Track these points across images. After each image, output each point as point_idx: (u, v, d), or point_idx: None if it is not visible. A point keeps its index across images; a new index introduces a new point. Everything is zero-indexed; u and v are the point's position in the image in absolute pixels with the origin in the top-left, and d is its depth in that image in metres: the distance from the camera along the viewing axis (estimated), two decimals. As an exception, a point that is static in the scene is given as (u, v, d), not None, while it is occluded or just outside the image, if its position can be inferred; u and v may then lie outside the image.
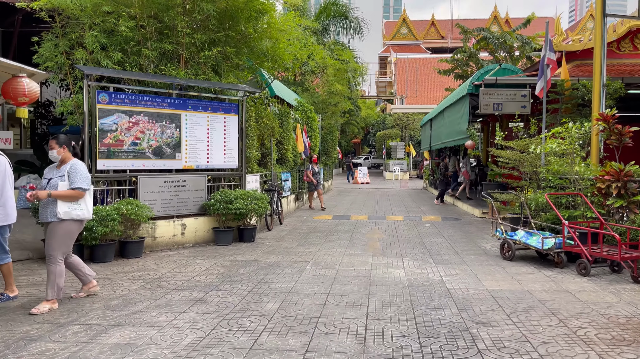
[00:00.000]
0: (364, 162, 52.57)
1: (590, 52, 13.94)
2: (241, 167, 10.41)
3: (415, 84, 47.16)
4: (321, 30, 28.61)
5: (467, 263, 7.93)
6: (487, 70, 13.30)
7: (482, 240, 10.08)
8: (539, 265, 7.74)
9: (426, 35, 69.66)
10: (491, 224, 11.82)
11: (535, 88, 10.24)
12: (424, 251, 8.91)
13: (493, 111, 12.27)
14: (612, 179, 7.50)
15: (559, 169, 8.25)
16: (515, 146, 9.63)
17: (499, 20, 61.76)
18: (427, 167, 27.12)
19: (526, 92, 12.16)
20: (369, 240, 10.12)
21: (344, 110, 30.91)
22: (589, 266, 6.91)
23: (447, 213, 15.16)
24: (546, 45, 9.64)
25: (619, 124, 7.90)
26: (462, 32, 25.63)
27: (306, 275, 7.09)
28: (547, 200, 7.63)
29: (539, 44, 25.43)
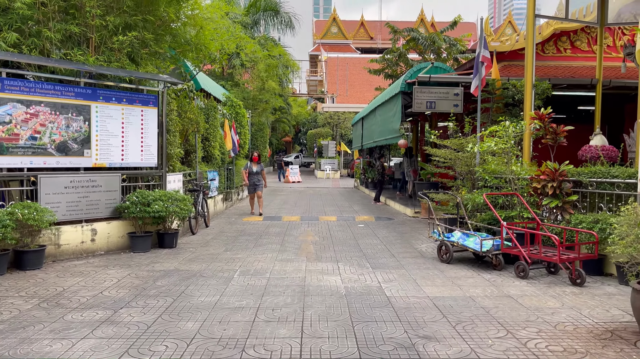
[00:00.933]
0: (295, 160, 52.08)
1: (517, 54, 14.20)
2: (161, 165, 9.47)
3: (346, 83, 47.27)
4: (251, 24, 27.73)
5: (404, 266, 7.55)
6: (420, 68, 13.15)
7: (417, 241, 9.80)
8: (477, 267, 7.51)
9: (356, 36, 70.31)
10: (427, 225, 11.65)
11: (470, 86, 10.10)
12: (359, 255, 8.46)
13: (426, 109, 12.10)
14: (547, 179, 7.39)
15: (496, 168, 8.09)
16: (450, 145, 9.43)
17: (426, 23, 63.39)
18: (358, 166, 27.01)
19: (459, 91, 12.09)
20: (302, 243, 9.55)
21: (275, 107, 30.23)
22: (528, 268, 6.73)
23: (379, 212, 14.91)
24: (481, 43, 9.52)
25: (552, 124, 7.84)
26: (391, 31, 25.70)
27: (233, 286, 6.38)
28: (485, 200, 7.41)
29: (465, 46, 26.05)
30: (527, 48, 9.60)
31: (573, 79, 12.65)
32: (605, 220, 6.61)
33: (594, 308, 5.47)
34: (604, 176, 7.11)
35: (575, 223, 6.99)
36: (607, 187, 7.06)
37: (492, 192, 8.00)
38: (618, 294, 6.01)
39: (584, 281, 6.36)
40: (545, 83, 11.21)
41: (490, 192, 7.95)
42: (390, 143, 18.30)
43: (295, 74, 35.49)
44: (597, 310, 5.38)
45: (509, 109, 11.57)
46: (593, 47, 14.74)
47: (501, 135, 7.84)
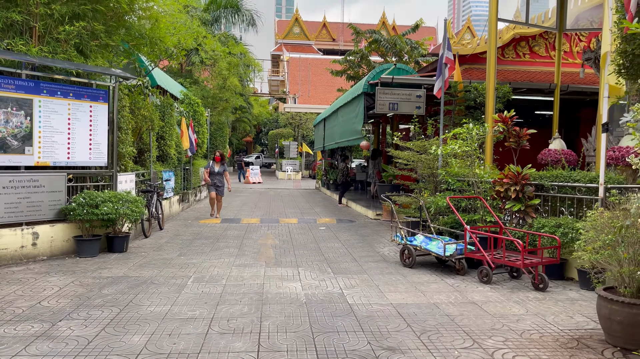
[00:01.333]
0: (256, 160, 51.49)
1: (478, 57, 14.29)
2: (112, 164, 8.93)
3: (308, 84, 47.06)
4: (211, 21, 27.07)
5: (367, 271, 7.32)
6: (383, 69, 13.02)
7: (379, 244, 9.62)
8: (440, 272, 7.36)
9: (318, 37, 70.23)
10: (389, 227, 11.50)
11: (433, 88, 10.01)
12: (321, 259, 8.19)
13: (389, 111, 11.97)
14: (510, 182, 7.33)
15: (459, 171, 7.99)
16: (413, 147, 9.30)
17: (387, 26, 63.88)
18: (320, 167, 26.80)
19: (421, 93, 12.02)
20: (261, 247, 9.20)
21: (235, 106, 29.65)
22: (491, 273, 6.62)
23: (341, 214, 14.71)
24: (444, 44, 9.43)
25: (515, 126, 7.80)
26: (354, 33, 25.64)
27: (186, 294, 5.99)
28: (448, 204, 7.28)
29: (426, 50, 26.27)
30: (490, 51, 9.58)
31: (533, 83, 12.80)
32: (568, 224, 6.57)
33: (558, 314, 5.39)
34: (565, 180, 7.09)
35: (537, 227, 6.94)
36: (569, 191, 7.05)
37: (455, 196, 7.90)
38: (581, 299, 5.97)
39: (547, 286, 6.30)
40: (506, 87, 11.27)
41: (454, 196, 7.84)
42: (352, 145, 18.15)
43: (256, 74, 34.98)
44: (561, 316, 5.29)
45: (471, 112, 11.57)
46: (551, 53, 15.03)
47: (465, 137, 7.74)
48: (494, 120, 7.79)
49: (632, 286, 4.21)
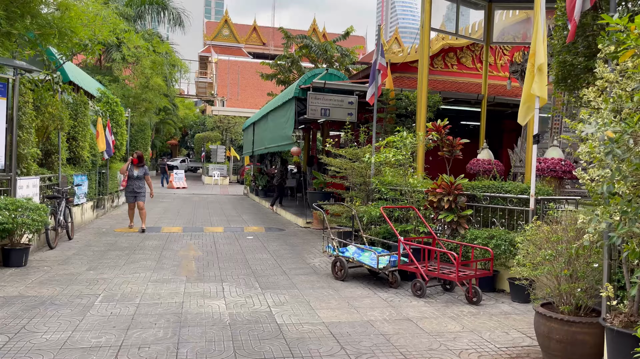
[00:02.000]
0: (181, 164, 49.64)
1: (408, 66, 14.38)
2: (10, 167, 7.90)
3: (237, 87, 46.13)
4: (134, 17, 25.68)
5: (297, 286, 6.89)
6: (315, 74, 12.71)
7: (310, 255, 9.23)
8: (373, 285, 7.08)
9: (248, 40, 69.33)
10: (320, 236, 11.14)
11: (364, 95, 9.81)
12: (248, 272, 7.66)
13: (321, 117, 11.66)
14: (443, 192, 7.19)
15: (392, 180, 7.78)
16: (346, 154, 9.02)
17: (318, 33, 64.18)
18: (248, 173, 26.11)
19: (353, 99, 11.82)
20: (182, 259, 8.50)
21: (159, 107, 28.26)
22: (425, 286, 6.41)
23: (270, 222, 14.20)
24: (378, 50, 9.25)
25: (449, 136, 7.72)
26: (285, 37, 25.28)
27: (92, 316, 5.26)
28: (382, 214, 7.02)
29: (356, 57, 26.42)
30: (422, 59, 9.53)
31: (462, 93, 13.01)
32: (500, 236, 6.50)
33: (494, 330, 5.22)
34: (497, 191, 7.06)
35: (470, 238, 6.84)
36: (500, 202, 7.02)
37: (389, 205, 7.67)
38: (513, 313, 5.87)
39: (480, 300, 6.17)
40: (437, 96, 11.32)
41: (388, 206, 7.61)
42: (283, 150, 17.71)
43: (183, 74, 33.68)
44: (497, 333, 5.13)
45: (402, 120, 11.51)
46: (477, 65, 15.43)
47: (398, 146, 7.55)
48: (428, 129, 7.67)
49: (572, 303, 4.08)
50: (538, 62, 5.69)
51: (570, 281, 4.06)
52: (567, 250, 4.00)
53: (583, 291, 3.98)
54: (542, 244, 4.23)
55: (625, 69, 3.36)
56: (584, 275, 3.98)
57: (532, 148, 7.39)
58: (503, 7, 12.07)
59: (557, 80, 5.21)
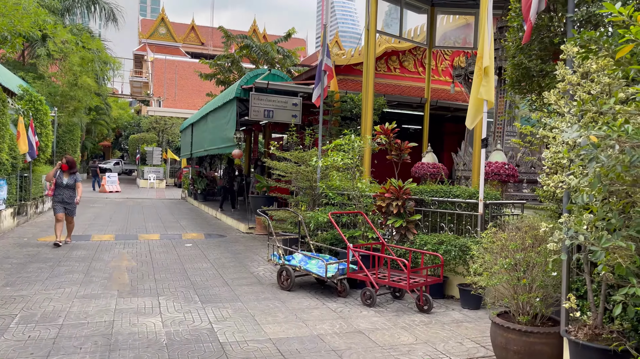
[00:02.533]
0: (115, 167, 47.42)
1: (352, 69, 14.26)
2: None
3: (174, 87, 44.65)
4: (62, 10, 24.12)
5: (240, 298, 6.46)
6: (257, 74, 12.28)
7: (254, 263, 8.80)
8: (321, 294, 6.77)
9: (186, 39, 67.56)
10: (263, 242, 10.71)
11: (309, 97, 9.52)
12: (187, 284, 7.14)
13: (264, 118, 11.26)
14: (392, 197, 7.01)
15: (340, 184, 7.52)
16: (291, 157, 8.67)
17: (258, 34, 63.51)
18: (186, 176, 25.19)
19: (297, 101, 11.51)
20: (114, 271, 7.84)
21: (90, 106, 26.72)
22: (375, 295, 6.18)
23: (210, 228, 13.60)
24: (323, 50, 8.99)
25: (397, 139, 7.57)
26: (224, 36, 24.64)
27: (6, 342, 4.61)
28: (330, 220, 6.73)
29: (298, 59, 26.18)
30: (369, 61, 9.37)
31: (406, 97, 13.03)
32: (450, 241, 6.39)
33: (447, 340, 5.05)
34: (445, 195, 6.96)
35: (420, 244, 6.68)
36: (449, 207, 6.92)
37: (337, 211, 7.40)
38: (465, 321, 5.75)
39: (432, 307, 6.02)
40: (382, 99, 11.23)
41: (336, 211, 7.34)
42: (223, 153, 17.12)
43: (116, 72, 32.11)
44: (451, 344, 4.96)
45: (347, 123, 11.33)
46: (419, 69, 15.56)
47: (346, 149, 7.31)
48: (376, 132, 7.48)
49: (530, 313, 3.95)
50: (484, 65, 5.60)
51: (529, 291, 3.93)
52: (525, 258, 3.86)
53: (542, 300, 3.85)
54: (499, 252, 4.08)
55: (587, 71, 3.25)
56: (542, 284, 3.86)
57: (479, 152, 7.37)
58: (445, 11, 12.17)
59: (512, 83, 5.14)
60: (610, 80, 3.05)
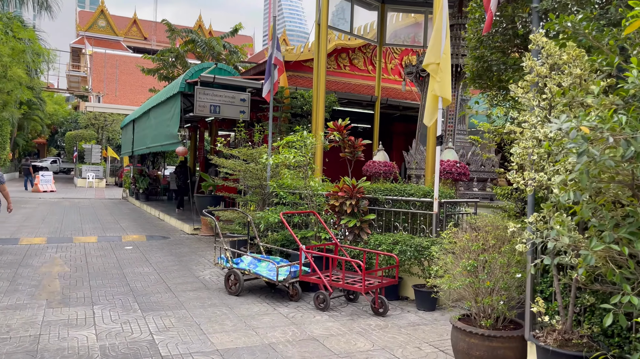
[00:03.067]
0: (52, 165, 44.92)
1: (302, 65, 13.96)
2: None
3: (115, 82, 42.76)
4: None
5: (185, 305, 6.02)
6: (203, 67, 11.75)
7: (199, 266, 8.33)
8: (272, 298, 6.43)
9: (127, 33, 65.11)
10: (209, 244, 10.23)
11: (257, 93, 9.15)
12: (125, 291, 6.60)
13: (210, 114, 10.75)
14: (346, 196, 6.77)
15: (292, 183, 7.19)
16: (240, 155, 8.26)
17: (204, 30, 62.05)
18: (127, 174, 24.09)
19: (246, 96, 11.07)
20: (43, 278, 7.17)
21: (22, 101, 25.02)
22: (329, 298, 5.91)
23: (153, 229, 12.91)
24: (274, 43, 8.63)
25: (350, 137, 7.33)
26: (168, 30, 23.72)
27: None
28: (282, 221, 6.40)
29: (245, 55, 25.63)
30: (320, 56, 9.11)
31: (357, 94, 12.88)
32: (405, 241, 6.21)
33: (405, 345, 4.84)
34: (400, 194, 6.79)
35: (374, 244, 6.47)
36: (403, 206, 6.75)
37: (289, 211, 7.07)
38: (421, 323, 5.57)
39: (387, 310, 5.81)
40: (332, 96, 11.00)
41: (287, 211, 7.01)
42: (167, 150, 16.38)
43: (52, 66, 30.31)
44: (409, 349, 4.75)
45: (297, 120, 11.02)
46: (368, 67, 15.47)
47: (298, 146, 6.99)
48: (329, 129, 7.22)
49: (493, 317, 3.79)
50: (437, 61, 5.47)
51: (491, 293, 3.76)
52: (489, 260, 3.69)
53: (505, 303, 3.70)
54: (461, 253, 3.90)
55: (556, 63, 3.11)
56: (505, 286, 3.71)
57: (432, 150, 7.26)
58: (395, 9, 12.10)
59: (472, 77, 5.00)
60: (581, 72, 2.91)
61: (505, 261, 3.67)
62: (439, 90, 6.18)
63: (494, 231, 3.88)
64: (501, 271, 3.70)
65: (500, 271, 3.70)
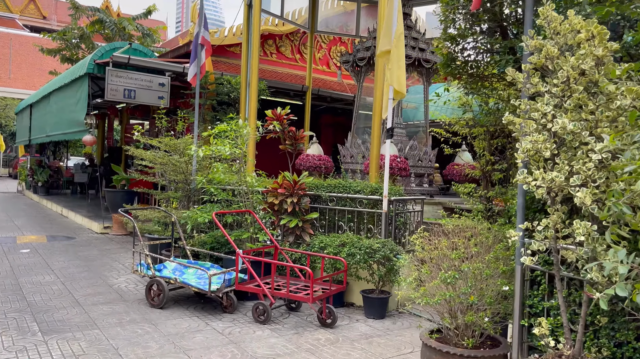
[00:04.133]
0: None
1: (226, 50, 13.04)
2: None
3: (9, 64, 38.62)
4: None
5: (98, 323, 5.05)
6: (115, 47, 10.45)
7: (112, 272, 7.27)
8: (202, 310, 5.62)
9: (24, 11, 59.30)
10: (126, 248, 9.08)
11: (184, 75, 8.20)
12: (21, 307, 5.48)
13: (124, 99, 9.57)
14: (286, 193, 6.09)
15: (225, 178, 6.37)
16: (162, 146, 7.26)
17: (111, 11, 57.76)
18: (23, 166, 21.64)
19: (165, 81, 9.99)
20: None
21: None
22: (270, 309, 5.23)
23: (55, 228, 11.41)
24: (200, 21, 7.70)
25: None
26: (72, 7, 21.49)
27: None
28: (215, 221, 5.59)
29: (159, 39, 23.99)
30: (253, 39, 8.33)
31: (287, 83, 12.20)
32: (353, 243, 5.65)
33: (363, 363, 4.30)
34: (345, 190, 6.22)
35: (319, 246, 5.86)
36: (349, 203, 6.20)
37: (222, 210, 6.25)
38: (374, 335, 5.05)
39: (336, 321, 5.22)
40: (262, 83, 10.23)
41: (221, 211, 6.18)
42: (71, 139, 14.70)
43: None
44: (369, 367, 4.21)
45: (223, 108, 10.13)
46: (296, 56, 14.82)
47: (232, 136, 6.19)
48: (267, 118, 6.48)
49: (476, 335, 3.32)
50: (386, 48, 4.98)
51: (475, 308, 3.29)
52: (472, 270, 3.21)
53: (490, 320, 3.24)
54: (438, 262, 3.39)
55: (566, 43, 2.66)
56: (491, 301, 3.25)
57: (377, 144, 6.79)
58: (328, -5, 11.54)
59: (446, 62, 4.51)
60: (603, 52, 2.49)
61: (490, 272, 3.22)
62: (390, 79, 5.69)
63: (476, 238, 3.41)
64: (489, 283, 3.24)
65: (488, 282, 3.24)
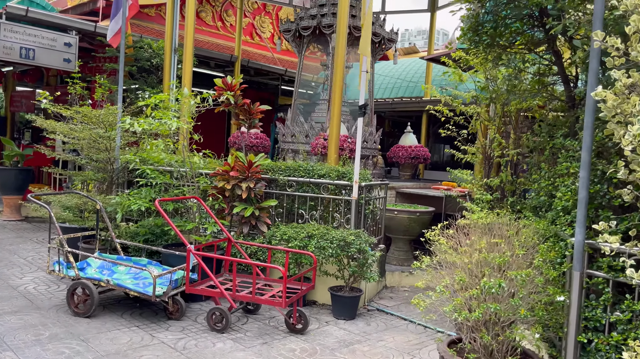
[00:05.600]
0: None
1: (141, 13, 11.51)
2: None
3: None
4: None
5: (7, 341, 3.92)
6: (6, -4, 8.66)
7: (14, 269, 5.94)
8: (140, 317, 4.65)
9: None
10: (31, 239, 7.59)
11: (108, 32, 6.87)
12: None
13: (21, 59, 7.92)
14: (240, 176, 5.23)
15: (164, 158, 5.33)
16: (81, 117, 5.95)
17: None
18: None
19: (72, 40, 8.44)
20: None
21: None
22: (230, 316, 4.41)
23: None
24: (125, -32, 6.43)
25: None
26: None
27: None
28: (159, 210, 4.59)
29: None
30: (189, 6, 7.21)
31: (214, 52, 11.04)
32: (322, 235, 4.96)
33: (356, 379, 3.68)
34: (308, 174, 5.49)
35: (282, 238, 5.10)
36: (312, 189, 5.48)
37: (167, 197, 5.22)
38: (354, 341, 4.43)
39: (307, 325, 4.54)
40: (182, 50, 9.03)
41: (165, 198, 5.15)
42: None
43: None
44: (364, 385, 3.60)
45: (144, 76, 8.85)
46: (217, 23, 13.60)
47: (173, 108, 5.16)
48: (216, 88, 5.50)
49: (518, 352, 2.81)
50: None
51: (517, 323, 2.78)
52: (522, 278, 2.68)
53: (540, 337, 2.75)
54: (477, 267, 2.82)
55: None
56: (542, 314, 2.75)
57: (338, 122, 6.13)
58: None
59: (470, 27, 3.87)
60: None
61: (542, 280, 2.72)
62: (363, 47, 5.03)
63: (517, 238, 2.89)
64: (536, 292, 2.74)
65: (536, 290, 2.74)
